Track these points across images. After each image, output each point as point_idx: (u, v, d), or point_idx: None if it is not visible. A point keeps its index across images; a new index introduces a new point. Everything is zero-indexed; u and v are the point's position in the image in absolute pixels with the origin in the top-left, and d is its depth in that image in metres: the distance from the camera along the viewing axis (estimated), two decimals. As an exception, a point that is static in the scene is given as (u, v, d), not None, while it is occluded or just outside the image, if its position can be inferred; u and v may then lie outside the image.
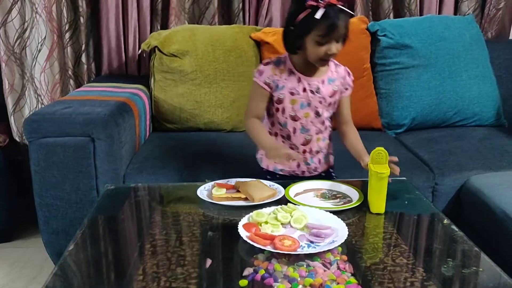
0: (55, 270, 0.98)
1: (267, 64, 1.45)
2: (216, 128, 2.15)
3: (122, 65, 2.39)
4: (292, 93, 1.42)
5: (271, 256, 1.01)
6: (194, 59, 2.11)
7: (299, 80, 1.42)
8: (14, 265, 2.02)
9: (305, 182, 1.40)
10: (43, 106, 2.23)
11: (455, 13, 2.49)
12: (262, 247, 1.02)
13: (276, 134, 1.50)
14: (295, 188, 1.35)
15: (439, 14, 2.47)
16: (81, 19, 2.28)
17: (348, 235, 1.07)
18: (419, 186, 1.70)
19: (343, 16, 1.30)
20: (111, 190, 1.41)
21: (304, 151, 1.49)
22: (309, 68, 1.42)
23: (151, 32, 2.37)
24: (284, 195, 1.30)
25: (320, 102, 1.43)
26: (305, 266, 0.98)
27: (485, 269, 0.99)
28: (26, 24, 2.23)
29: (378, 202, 1.23)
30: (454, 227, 1.16)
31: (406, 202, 1.32)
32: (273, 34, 2.16)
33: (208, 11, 2.38)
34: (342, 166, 1.73)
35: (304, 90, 1.42)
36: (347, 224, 1.12)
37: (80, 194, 1.68)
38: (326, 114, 1.47)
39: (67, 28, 2.28)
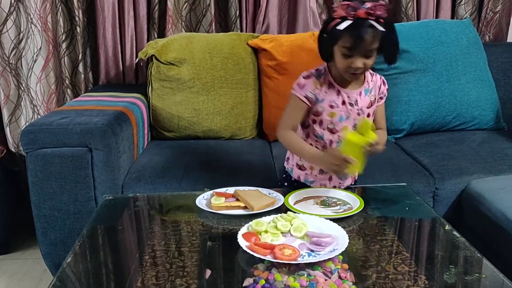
0: (53, 282, 0.97)
1: (308, 77, 1.39)
2: (215, 135, 2.14)
3: (120, 74, 2.38)
4: (331, 106, 1.39)
5: (271, 265, 1.00)
6: (192, 67, 2.10)
7: (338, 93, 1.39)
8: (13, 277, 2.00)
9: (305, 189, 1.39)
10: (39, 116, 2.22)
11: (452, 17, 2.49)
12: (262, 257, 1.01)
13: (311, 145, 1.45)
14: (295, 196, 1.34)
15: (436, 18, 2.47)
16: (78, 29, 2.28)
17: (348, 243, 1.06)
18: (420, 191, 1.69)
19: (371, 31, 1.24)
20: (109, 200, 1.40)
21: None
22: (346, 80, 1.38)
23: (148, 40, 2.36)
24: (283, 203, 1.29)
25: (358, 114, 1.40)
26: (305, 275, 0.96)
27: (487, 275, 0.98)
28: (21, 35, 2.22)
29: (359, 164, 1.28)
30: (455, 233, 1.15)
31: (407, 208, 1.31)
32: (270, 41, 2.16)
33: (205, 18, 2.38)
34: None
35: (344, 103, 1.39)
36: (348, 232, 1.11)
37: (78, 204, 1.67)
38: None
39: (63, 38, 2.28)
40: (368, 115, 1.42)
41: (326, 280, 0.95)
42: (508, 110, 2.29)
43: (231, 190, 1.38)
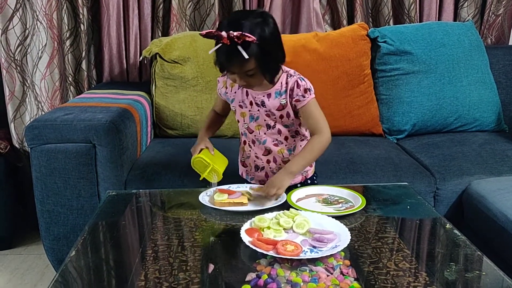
0: (56, 277, 0.98)
1: (222, 76, 1.46)
2: (217, 134, 2.13)
3: (123, 71, 2.40)
4: (241, 106, 1.44)
5: (273, 261, 1.01)
6: (195, 65, 2.11)
7: (247, 94, 1.42)
8: (15, 272, 2.01)
9: (307, 187, 1.41)
10: (43, 113, 2.23)
11: (454, 20, 2.50)
12: (265, 252, 1.02)
13: (245, 143, 1.51)
14: (297, 194, 1.35)
15: (438, 20, 2.48)
16: (82, 26, 2.29)
17: (350, 240, 1.07)
18: (421, 191, 1.70)
19: (236, 56, 1.23)
20: (112, 196, 1.41)
21: (268, 161, 1.47)
22: None
23: (152, 39, 2.38)
24: (286, 200, 1.30)
25: (268, 116, 1.41)
26: (308, 271, 0.97)
27: (487, 273, 0.99)
28: (27, 32, 2.24)
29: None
30: (456, 231, 1.16)
31: (408, 207, 1.32)
32: (273, 41, 2.17)
33: (209, 17, 2.39)
34: (343, 172, 1.73)
35: (251, 103, 1.42)
36: (350, 229, 1.12)
37: (82, 200, 1.68)
38: (280, 126, 1.42)
39: (67, 35, 2.29)
40: (281, 117, 1.40)
41: (328, 276, 0.96)
42: (510, 112, 2.30)
43: (233, 187, 1.39)
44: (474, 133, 2.17)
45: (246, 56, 1.22)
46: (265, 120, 1.42)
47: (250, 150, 1.49)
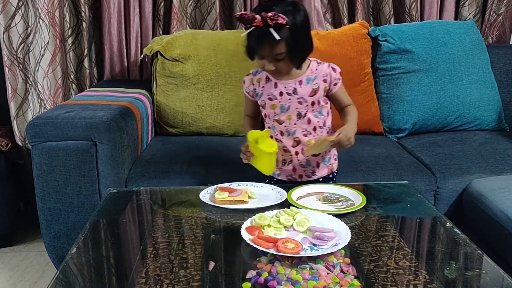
0: (57, 274, 0.98)
1: (248, 75, 1.51)
2: (218, 132, 2.15)
3: (124, 69, 2.40)
4: (270, 99, 1.46)
5: (274, 259, 1.01)
6: (196, 63, 2.12)
7: (276, 85, 1.44)
8: (15, 270, 2.02)
9: (307, 186, 1.41)
10: (45, 110, 2.24)
11: (455, 18, 2.50)
12: (265, 250, 1.02)
13: (271, 137, 1.50)
14: (298, 192, 1.35)
15: (439, 19, 2.48)
16: (84, 24, 2.29)
17: (351, 238, 1.07)
18: (421, 189, 1.70)
19: (268, 38, 1.28)
20: (113, 194, 1.41)
21: (297, 153, 1.49)
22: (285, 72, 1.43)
23: (153, 37, 2.38)
24: (286, 198, 1.30)
25: (300, 103, 1.44)
26: (308, 268, 0.98)
27: (488, 271, 0.99)
28: (29, 29, 2.24)
29: (268, 167, 1.38)
30: (456, 229, 1.16)
31: (409, 205, 1.32)
32: (274, 39, 2.17)
33: (210, 16, 2.39)
34: (344, 170, 1.73)
35: (281, 94, 1.44)
36: (350, 227, 1.12)
37: (82, 198, 1.68)
38: (310, 114, 1.46)
39: (69, 33, 2.30)
40: (313, 104, 1.45)
41: (328, 273, 0.96)
42: (510, 111, 2.30)
43: (234, 185, 1.40)
44: (474, 132, 2.18)
45: (278, 37, 1.27)
46: (296, 109, 1.44)
47: (278, 144, 1.49)
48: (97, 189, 1.68)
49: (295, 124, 1.46)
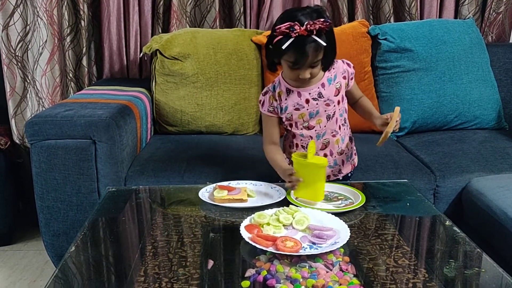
0: (56, 273, 0.98)
1: (265, 93, 1.49)
2: (217, 131, 2.15)
3: (124, 68, 2.39)
4: (297, 109, 1.45)
5: (273, 257, 1.01)
6: (196, 62, 2.11)
7: (299, 94, 1.44)
8: (14, 268, 2.01)
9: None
10: (44, 109, 2.23)
11: (455, 17, 2.49)
12: (264, 248, 1.02)
13: (297, 145, 1.51)
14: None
15: (439, 18, 2.47)
16: (82, 23, 2.29)
17: (350, 236, 1.07)
18: (421, 188, 1.70)
19: (313, 45, 1.29)
20: (112, 192, 1.41)
21: (325, 155, 1.50)
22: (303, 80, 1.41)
23: (152, 35, 2.37)
24: (285, 197, 1.30)
25: (328, 105, 1.44)
26: (307, 267, 0.97)
27: (487, 269, 0.99)
28: (28, 28, 2.24)
29: (320, 191, 1.28)
30: (456, 228, 1.16)
31: (408, 204, 1.32)
32: (274, 37, 2.17)
33: (209, 14, 2.39)
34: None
35: (307, 101, 1.44)
36: (349, 226, 1.12)
37: (81, 196, 1.68)
38: (337, 113, 1.48)
39: (68, 31, 2.29)
40: (339, 102, 1.46)
41: (327, 272, 0.96)
42: (510, 110, 2.30)
43: (233, 183, 1.39)
44: (474, 130, 2.17)
45: (324, 44, 1.28)
46: (325, 111, 1.45)
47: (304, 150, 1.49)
48: (96, 187, 1.68)
49: (325, 126, 1.47)
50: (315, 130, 1.47)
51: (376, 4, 2.47)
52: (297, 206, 1.23)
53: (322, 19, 1.28)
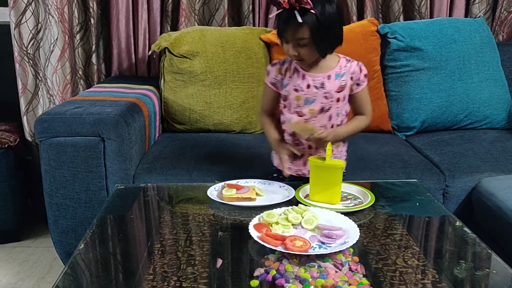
0: (65, 269, 0.98)
1: (274, 65, 1.50)
2: (226, 129, 2.15)
3: (132, 66, 2.40)
4: (296, 90, 1.44)
5: (282, 256, 1.01)
6: (204, 60, 2.11)
7: (304, 77, 1.43)
8: (23, 265, 2.03)
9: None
10: (55, 106, 2.24)
11: (465, 16, 2.47)
12: (273, 248, 1.01)
13: (284, 131, 1.50)
14: (306, 189, 1.35)
15: (449, 16, 2.46)
16: (92, 20, 2.30)
17: (359, 236, 1.06)
18: (430, 188, 1.69)
19: (294, 20, 1.29)
20: (120, 190, 1.41)
21: (310, 147, 1.48)
22: (314, 65, 1.43)
23: (161, 33, 2.38)
24: (294, 196, 1.30)
25: (326, 98, 1.43)
26: (316, 267, 0.97)
27: (498, 271, 0.98)
28: (39, 25, 2.25)
29: (337, 194, 1.28)
30: (466, 229, 1.15)
31: (417, 204, 1.31)
32: (283, 36, 2.16)
33: (218, 12, 2.38)
34: (352, 168, 1.72)
35: (308, 86, 1.43)
36: (358, 226, 1.11)
37: (90, 193, 1.68)
38: (334, 110, 1.45)
39: (78, 29, 2.30)
40: (338, 100, 1.44)
41: (336, 272, 0.95)
42: (521, 110, 2.28)
43: (242, 182, 1.39)
44: (484, 130, 2.16)
45: (300, 20, 1.28)
46: (321, 103, 1.43)
47: (291, 138, 1.48)
48: (104, 185, 1.69)
49: (315, 118, 1.45)
50: (305, 119, 1.45)
51: (386, 3, 2.46)
52: (306, 205, 1.22)
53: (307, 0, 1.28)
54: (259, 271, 0.95)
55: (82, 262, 1.02)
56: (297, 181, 1.45)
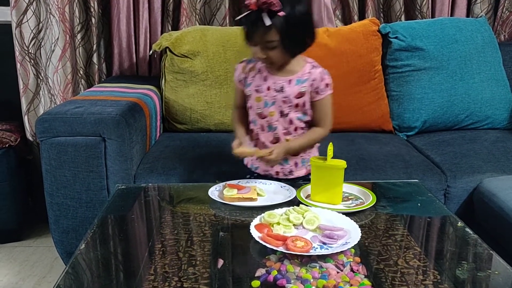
0: (66, 269, 0.98)
1: (241, 62, 1.50)
2: (227, 129, 2.14)
3: (133, 65, 2.40)
4: (257, 91, 1.43)
5: (283, 257, 1.01)
6: (205, 60, 2.11)
7: (265, 79, 1.42)
8: (24, 264, 2.02)
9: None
10: (55, 106, 2.24)
11: (467, 16, 2.47)
12: (275, 248, 1.01)
13: (252, 131, 1.50)
14: (307, 190, 1.34)
15: (451, 16, 2.45)
16: (93, 20, 2.30)
17: (361, 236, 1.06)
18: (431, 188, 1.68)
19: (261, 23, 1.26)
20: (121, 190, 1.41)
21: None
22: (281, 67, 1.41)
23: (162, 33, 2.37)
24: (296, 196, 1.30)
25: (285, 102, 1.41)
26: (318, 267, 0.97)
27: (499, 271, 0.98)
28: (41, 25, 2.25)
29: (338, 194, 1.27)
30: (468, 229, 1.14)
31: (419, 204, 1.31)
32: (284, 36, 2.16)
33: (219, 12, 2.38)
34: (353, 168, 1.72)
35: (268, 88, 1.42)
36: (360, 226, 1.11)
37: (91, 193, 1.68)
38: (293, 115, 1.42)
39: (79, 28, 2.30)
40: (297, 106, 1.41)
41: (338, 272, 0.95)
42: (522, 110, 2.27)
43: (243, 182, 1.39)
44: (485, 130, 2.15)
45: (268, 23, 1.25)
46: (280, 107, 1.42)
47: (257, 139, 1.48)
48: (105, 185, 1.68)
49: (276, 121, 1.43)
50: (267, 121, 1.44)
51: (387, 2, 2.46)
52: (307, 205, 1.22)
53: (275, 1, 1.25)
54: (260, 272, 0.95)
55: (83, 262, 1.02)
56: (265, 179, 1.43)
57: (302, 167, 1.50)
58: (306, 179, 1.51)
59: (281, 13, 1.26)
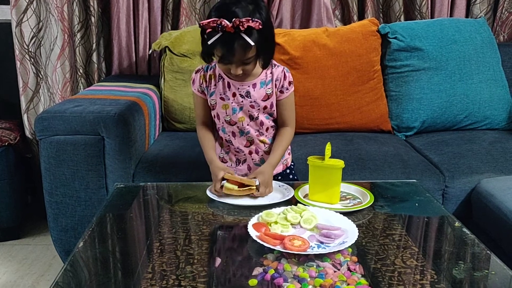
0: (65, 267, 0.98)
1: (197, 72, 1.43)
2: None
3: (132, 65, 2.40)
4: (222, 98, 1.40)
5: (280, 256, 1.01)
6: (204, 59, 2.11)
7: (229, 86, 1.39)
8: (23, 262, 2.03)
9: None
10: (55, 104, 2.25)
11: (466, 16, 2.47)
12: (272, 247, 1.01)
13: (221, 139, 1.47)
14: (305, 189, 1.35)
15: (450, 17, 2.46)
16: (92, 19, 2.30)
17: (358, 236, 1.06)
18: (429, 188, 1.69)
19: (241, 43, 1.21)
20: (120, 188, 1.41)
21: (250, 152, 1.47)
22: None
23: (161, 32, 2.38)
24: (293, 195, 1.30)
25: (253, 107, 1.40)
26: (315, 266, 0.97)
27: (497, 272, 0.98)
28: (41, 24, 2.25)
29: (336, 194, 1.27)
30: (465, 229, 1.15)
31: (417, 204, 1.31)
32: (283, 35, 2.16)
33: (218, 11, 2.38)
34: (351, 168, 1.73)
35: (234, 95, 1.39)
36: (357, 226, 1.12)
37: (90, 192, 1.68)
38: (262, 116, 1.42)
39: (79, 27, 2.30)
40: (265, 108, 1.40)
41: (335, 271, 0.95)
42: (521, 111, 2.28)
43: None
44: (484, 131, 2.16)
45: (252, 43, 1.21)
46: (248, 111, 1.41)
47: (229, 145, 1.47)
48: (104, 183, 1.69)
49: (247, 124, 1.42)
50: (237, 126, 1.42)
51: (387, 3, 2.46)
52: (305, 205, 1.22)
53: (249, 16, 1.20)
54: (257, 270, 0.95)
55: (81, 260, 1.02)
56: None
57: (278, 164, 1.48)
58: (284, 174, 1.53)
59: (258, 26, 1.21)
